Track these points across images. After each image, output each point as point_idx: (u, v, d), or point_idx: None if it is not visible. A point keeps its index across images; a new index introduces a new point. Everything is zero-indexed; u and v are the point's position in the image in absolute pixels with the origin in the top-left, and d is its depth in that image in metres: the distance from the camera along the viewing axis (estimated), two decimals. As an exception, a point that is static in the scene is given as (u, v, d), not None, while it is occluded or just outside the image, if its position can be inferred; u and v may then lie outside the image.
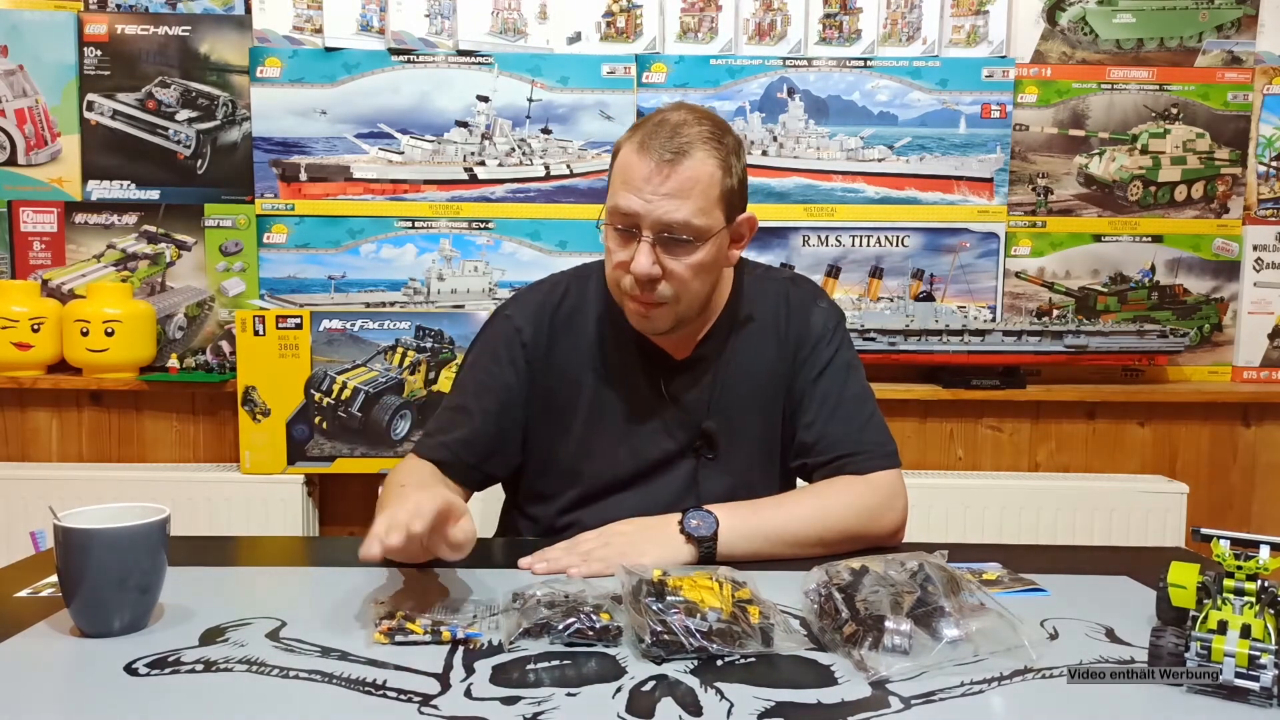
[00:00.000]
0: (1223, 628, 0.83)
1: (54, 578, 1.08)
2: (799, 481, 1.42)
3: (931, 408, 2.48)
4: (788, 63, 2.45)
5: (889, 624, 0.89)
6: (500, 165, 2.44)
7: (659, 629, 0.89)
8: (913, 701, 0.82)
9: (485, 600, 1.04)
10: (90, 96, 2.41)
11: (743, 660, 0.89)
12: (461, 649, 0.91)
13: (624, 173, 1.23)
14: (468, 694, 0.82)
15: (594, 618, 0.94)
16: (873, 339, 2.39)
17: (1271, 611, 0.84)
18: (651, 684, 0.84)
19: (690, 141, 1.21)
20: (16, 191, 2.42)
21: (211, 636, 0.94)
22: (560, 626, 0.93)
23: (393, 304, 2.45)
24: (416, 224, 2.45)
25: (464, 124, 2.43)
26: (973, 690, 0.84)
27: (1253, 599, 0.85)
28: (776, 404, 1.38)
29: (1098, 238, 2.52)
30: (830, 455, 1.32)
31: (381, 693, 0.82)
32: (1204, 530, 0.92)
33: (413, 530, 0.97)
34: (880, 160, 2.47)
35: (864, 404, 1.36)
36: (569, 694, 0.82)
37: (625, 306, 1.30)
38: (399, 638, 0.92)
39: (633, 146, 1.23)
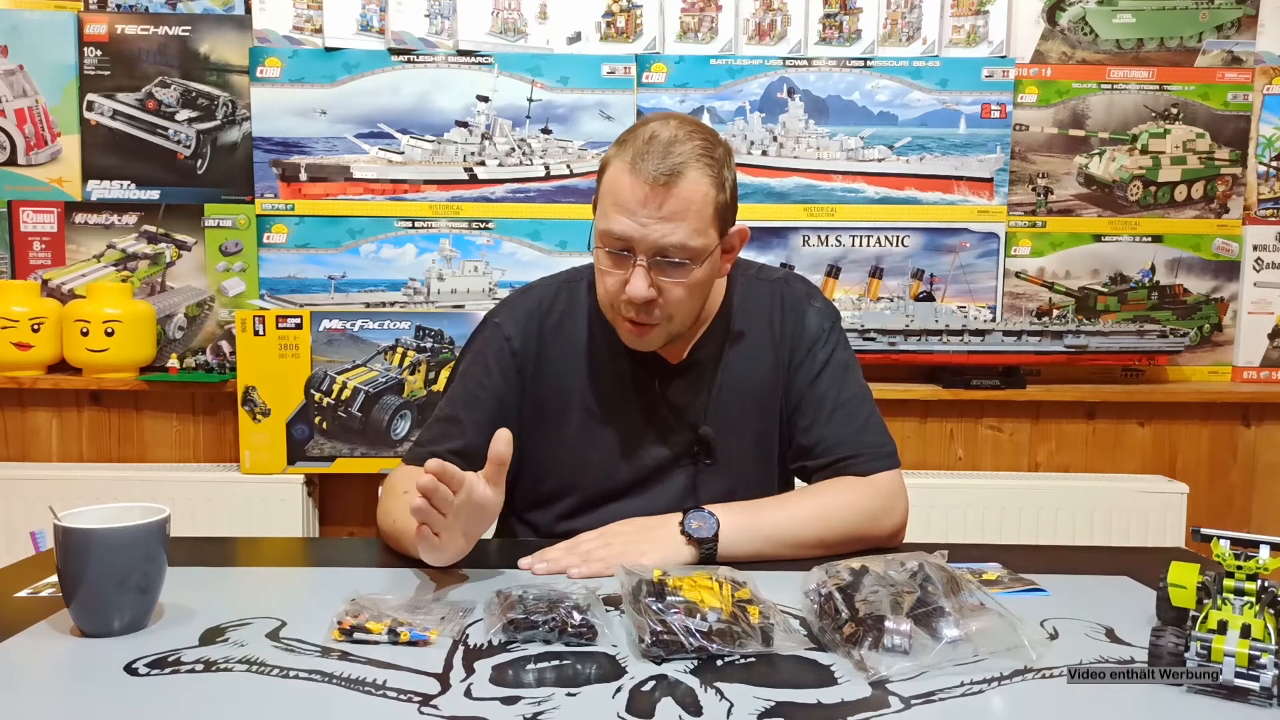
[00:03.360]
0: (1223, 628, 0.83)
1: (54, 578, 1.08)
2: (797, 483, 1.42)
3: (931, 408, 2.48)
4: (788, 63, 2.45)
5: (889, 624, 0.89)
6: (500, 165, 2.44)
7: (659, 629, 0.89)
8: (913, 701, 0.82)
9: (465, 602, 1.03)
10: (90, 96, 2.41)
11: (743, 660, 0.89)
12: (462, 648, 0.91)
13: (614, 194, 1.19)
14: (468, 694, 0.82)
15: (571, 614, 0.93)
16: (873, 339, 2.39)
17: (1271, 611, 0.84)
18: (651, 684, 0.84)
19: (684, 161, 1.17)
20: (16, 191, 2.42)
21: (211, 636, 0.94)
22: (542, 622, 0.93)
23: (393, 304, 2.45)
24: (416, 224, 2.45)
25: (464, 124, 2.43)
26: (973, 690, 0.84)
27: (1253, 599, 0.85)
28: (773, 407, 1.37)
29: (1098, 238, 2.52)
30: (830, 458, 1.32)
31: (381, 693, 0.82)
32: (1204, 530, 0.92)
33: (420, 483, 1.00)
34: (880, 160, 2.47)
35: (862, 404, 1.35)
36: (569, 694, 0.82)
37: (618, 325, 1.28)
38: (357, 635, 0.93)
39: (623, 165, 1.19)
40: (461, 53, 2.42)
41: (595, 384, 1.35)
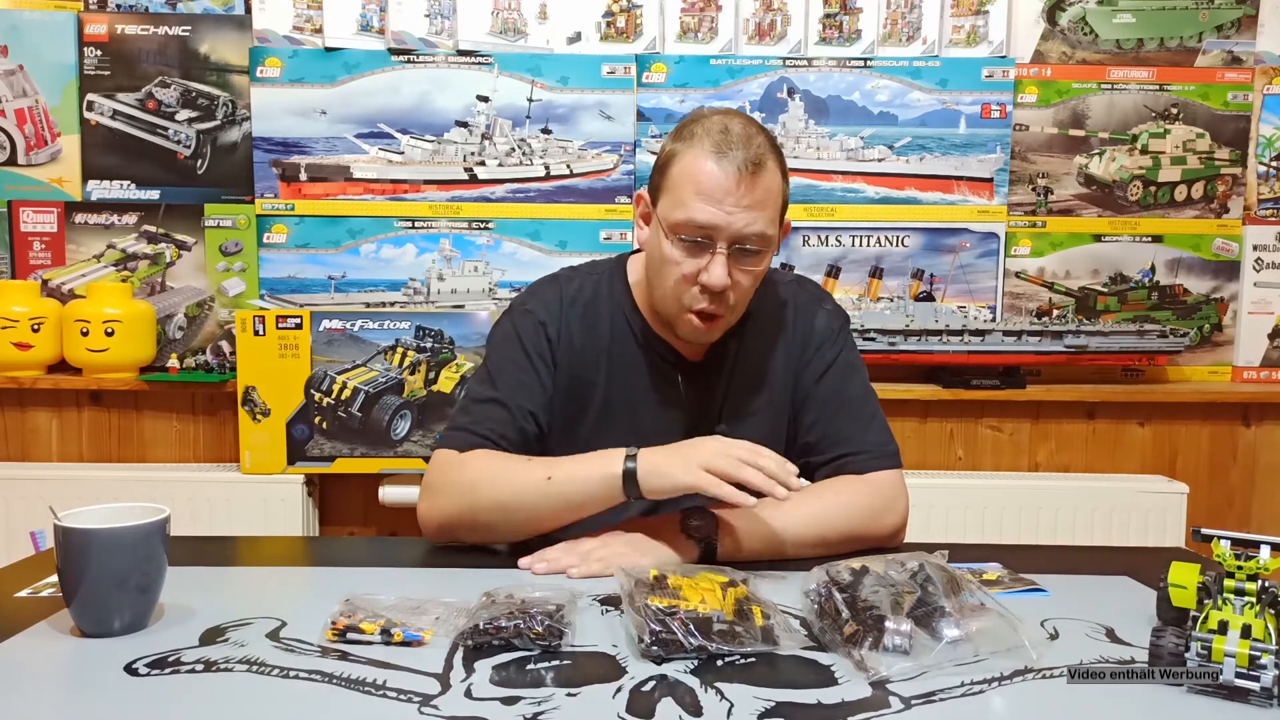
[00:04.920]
0: (1223, 628, 0.83)
1: (54, 578, 1.08)
2: (801, 481, 1.42)
3: (931, 408, 2.48)
4: (788, 63, 2.45)
5: (889, 624, 0.89)
6: (500, 165, 2.44)
7: (659, 629, 0.89)
8: (913, 701, 0.82)
9: (460, 601, 1.02)
10: (90, 96, 2.41)
11: (743, 660, 0.89)
12: (461, 648, 0.91)
13: (696, 182, 1.20)
14: (468, 694, 0.82)
15: (539, 620, 0.92)
16: (873, 339, 2.39)
17: (1272, 611, 0.84)
18: (651, 684, 0.84)
19: (763, 151, 1.21)
20: (16, 191, 2.42)
21: (211, 636, 0.94)
22: (509, 627, 0.91)
23: (393, 304, 2.45)
24: (416, 224, 2.45)
25: (464, 124, 2.43)
26: (973, 690, 0.84)
27: (1253, 599, 0.85)
28: (783, 406, 1.38)
29: (1098, 238, 2.52)
30: (832, 454, 1.33)
31: (381, 693, 0.82)
32: (1204, 530, 0.92)
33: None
34: (880, 160, 2.47)
35: (866, 404, 1.36)
36: (569, 694, 0.82)
37: (680, 319, 1.27)
38: (350, 635, 0.92)
39: (703, 154, 1.20)
40: (461, 53, 2.42)
41: (615, 377, 1.35)
